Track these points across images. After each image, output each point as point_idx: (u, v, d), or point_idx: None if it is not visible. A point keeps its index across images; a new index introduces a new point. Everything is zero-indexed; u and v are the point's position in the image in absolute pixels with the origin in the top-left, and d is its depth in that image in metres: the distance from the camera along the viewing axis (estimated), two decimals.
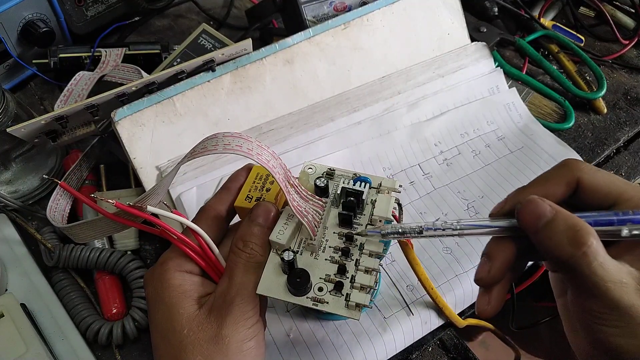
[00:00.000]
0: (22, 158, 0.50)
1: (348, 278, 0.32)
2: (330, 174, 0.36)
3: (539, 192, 0.31)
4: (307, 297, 0.32)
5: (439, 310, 0.44)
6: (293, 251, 0.32)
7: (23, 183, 0.50)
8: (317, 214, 0.34)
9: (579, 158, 0.53)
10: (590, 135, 0.60)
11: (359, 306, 0.31)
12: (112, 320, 0.44)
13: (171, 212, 0.33)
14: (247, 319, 0.31)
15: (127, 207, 0.32)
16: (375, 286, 0.32)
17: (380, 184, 0.36)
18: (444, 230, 0.31)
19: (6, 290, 0.45)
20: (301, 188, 0.34)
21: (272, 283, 0.32)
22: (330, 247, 0.33)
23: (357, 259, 0.33)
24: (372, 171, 0.52)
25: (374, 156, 0.53)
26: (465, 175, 0.53)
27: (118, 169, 0.52)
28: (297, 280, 0.31)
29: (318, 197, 0.35)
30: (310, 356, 0.42)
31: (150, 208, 0.32)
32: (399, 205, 0.37)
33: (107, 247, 0.47)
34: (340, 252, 0.33)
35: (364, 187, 0.34)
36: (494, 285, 0.32)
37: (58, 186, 0.47)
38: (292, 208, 0.32)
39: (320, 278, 0.32)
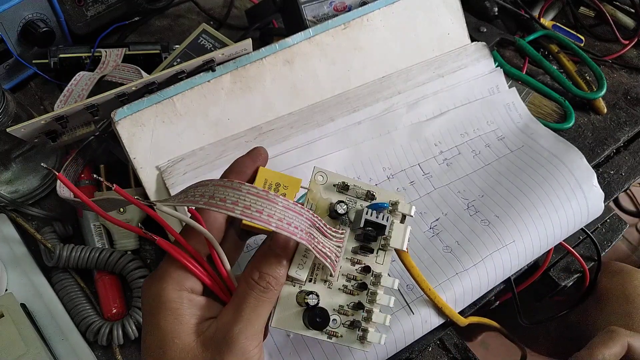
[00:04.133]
0: (22, 158, 0.50)
1: (363, 313, 0.33)
2: (344, 187, 0.35)
3: None
4: (322, 331, 0.32)
5: (439, 309, 0.44)
6: (317, 294, 0.32)
7: (23, 183, 0.50)
8: (338, 249, 0.32)
9: (580, 154, 0.52)
10: (590, 135, 0.60)
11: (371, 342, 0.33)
12: (112, 320, 0.44)
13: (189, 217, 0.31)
14: (248, 358, 0.29)
15: (133, 199, 0.31)
16: (390, 326, 0.33)
17: (396, 206, 0.35)
18: None
19: (6, 290, 0.45)
20: (323, 224, 0.31)
21: (287, 316, 0.32)
22: (342, 274, 0.34)
23: (372, 291, 0.34)
24: (372, 171, 0.52)
25: (374, 156, 0.52)
26: (465, 175, 0.53)
27: (118, 169, 0.52)
28: (317, 320, 0.32)
29: (340, 232, 0.33)
30: (311, 356, 0.42)
31: (159, 205, 0.31)
32: None
33: (107, 247, 0.47)
34: (354, 282, 0.33)
35: (386, 221, 0.33)
36: None
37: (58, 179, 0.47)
38: (319, 256, 0.30)
39: (334, 310, 0.33)
